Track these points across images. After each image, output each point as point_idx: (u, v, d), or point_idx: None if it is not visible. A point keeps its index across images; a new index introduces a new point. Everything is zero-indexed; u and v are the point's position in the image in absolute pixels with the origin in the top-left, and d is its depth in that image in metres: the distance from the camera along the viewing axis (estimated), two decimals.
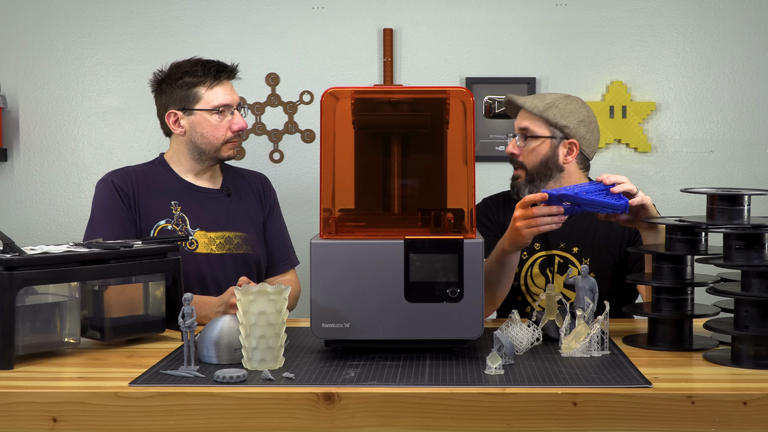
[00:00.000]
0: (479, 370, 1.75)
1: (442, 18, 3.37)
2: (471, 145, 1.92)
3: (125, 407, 1.61)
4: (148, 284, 2.06)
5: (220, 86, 2.46)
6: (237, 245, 2.49)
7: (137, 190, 2.45)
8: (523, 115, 2.43)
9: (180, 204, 2.46)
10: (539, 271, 2.43)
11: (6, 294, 1.77)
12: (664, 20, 3.35)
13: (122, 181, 2.46)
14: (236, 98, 2.49)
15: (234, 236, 2.49)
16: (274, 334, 1.76)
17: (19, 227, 3.38)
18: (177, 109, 2.46)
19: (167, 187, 2.48)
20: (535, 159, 2.40)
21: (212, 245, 2.46)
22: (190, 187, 2.50)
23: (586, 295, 1.94)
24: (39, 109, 3.40)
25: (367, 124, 1.98)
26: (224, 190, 2.54)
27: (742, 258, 1.82)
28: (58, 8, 3.38)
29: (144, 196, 2.45)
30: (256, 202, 2.60)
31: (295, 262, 2.68)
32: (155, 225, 2.43)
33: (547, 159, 2.40)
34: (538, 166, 2.40)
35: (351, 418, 1.60)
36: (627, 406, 1.60)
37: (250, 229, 2.54)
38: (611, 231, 2.43)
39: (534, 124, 2.40)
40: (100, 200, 2.47)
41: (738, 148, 3.37)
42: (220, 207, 2.51)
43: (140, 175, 2.49)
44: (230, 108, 2.46)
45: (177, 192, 2.48)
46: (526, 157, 2.41)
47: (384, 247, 1.83)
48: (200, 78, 2.44)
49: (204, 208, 2.49)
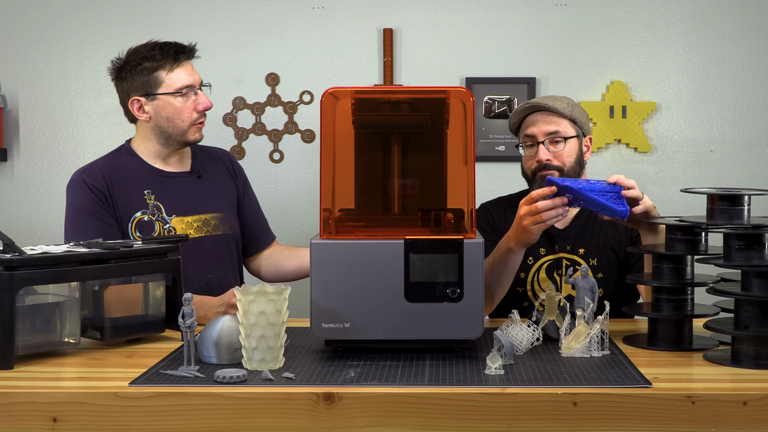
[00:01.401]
0: (479, 370, 1.75)
1: (442, 18, 3.37)
2: (471, 145, 1.92)
3: (125, 407, 1.61)
4: (148, 284, 2.06)
5: (180, 68, 2.42)
6: (215, 226, 2.48)
7: (110, 184, 2.41)
8: (548, 120, 2.41)
9: (153, 192, 2.42)
10: (546, 276, 2.43)
11: (6, 294, 1.77)
12: (664, 20, 3.35)
13: (94, 179, 2.41)
14: (198, 78, 2.45)
15: (211, 218, 2.48)
16: (274, 334, 1.76)
17: (19, 227, 3.38)
18: (140, 96, 2.42)
19: (137, 177, 2.45)
20: (570, 160, 2.42)
21: (189, 229, 2.44)
22: (160, 174, 2.47)
23: (586, 295, 1.94)
24: (39, 109, 3.40)
25: (367, 124, 1.98)
26: (194, 172, 2.52)
27: (742, 258, 1.82)
28: (58, 8, 3.38)
29: (117, 190, 2.41)
30: (228, 180, 2.58)
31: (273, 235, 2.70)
32: (132, 218, 2.40)
33: (578, 157, 2.44)
34: (574, 166, 2.43)
35: (351, 418, 1.60)
36: (627, 406, 1.60)
37: (227, 208, 2.53)
38: (616, 231, 2.45)
39: (561, 125, 2.41)
40: (76, 201, 2.41)
41: (738, 148, 3.37)
42: (193, 190, 2.49)
43: (110, 169, 2.44)
44: (193, 89, 2.43)
45: (148, 180, 2.45)
46: (562, 159, 2.41)
47: (384, 247, 1.83)
48: (159, 62, 2.40)
49: (176, 193, 2.46)
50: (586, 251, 2.43)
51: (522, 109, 2.45)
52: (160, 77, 2.41)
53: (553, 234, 2.44)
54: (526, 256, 2.43)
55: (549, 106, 2.41)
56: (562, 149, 2.40)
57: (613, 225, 2.44)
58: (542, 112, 2.42)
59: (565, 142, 2.40)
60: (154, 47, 2.42)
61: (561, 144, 2.40)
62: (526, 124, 2.45)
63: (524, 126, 2.46)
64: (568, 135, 2.41)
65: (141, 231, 2.40)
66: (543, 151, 2.40)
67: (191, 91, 2.43)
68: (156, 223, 2.42)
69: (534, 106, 2.42)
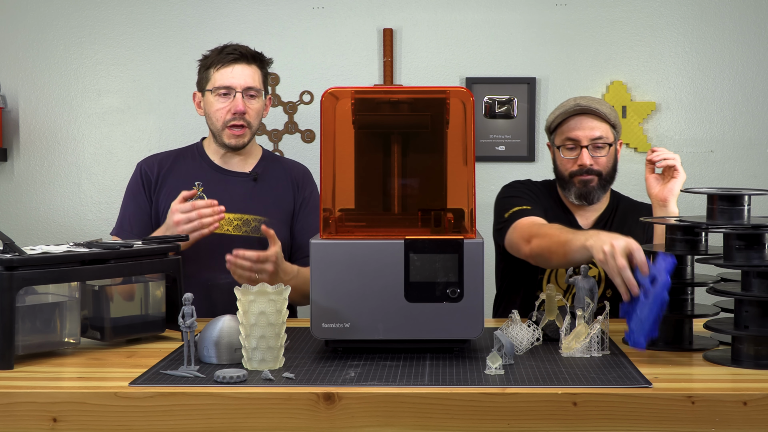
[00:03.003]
0: (479, 370, 1.75)
1: (442, 18, 3.37)
2: (471, 145, 1.92)
3: (125, 407, 1.61)
4: (148, 284, 2.06)
5: (226, 68, 2.46)
6: (254, 228, 2.48)
7: (163, 174, 2.52)
8: (593, 124, 2.42)
9: (203, 185, 2.47)
10: (563, 271, 2.43)
11: (6, 294, 1.76)
12: (664, 20, 3.35)
13: (149, 166, 2.56)
14: (240, 82, 2.46)
15: (252, 219, 2.49)
16: (274, 334, 1.76)
17: (19, 227, 3.38)
18: (198, 90, 2.55)
19: (195, 170, 2.54)
20: (609, 165, 2.46)
21: (228, 226, 2.47)
22: (216, 170, 2.55)
23: (586, 295, 1.94)
24: (39, 109, 3.40)
25: (367, 124, 1.98)
26: (252, 173, 2.55)
27: (742, 258, 1.82)
28: (58, 8, 3.38)
29: (170, 179, 2.52)
30: (287, 190, 2.58)
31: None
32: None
33: (615, 163, 2.48)
34: (611, 171, 2.47)
35: (351, 418, 1.60)
36: (627, 406, 1.60)
37: (275, 214, 2.52)
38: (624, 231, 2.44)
39: (604, 131, 2.43)
40: (129, 182, 2.58)
41: (738, 148, 3.37)
42: (244, 190, 2.52)
43: (172, 159, 2.57)
44: (232, 90, 2.46)
45: (202, 174, 2.53)
46: (602, 164, 2.44)
47: (384, 247, 1.83)
48: (212, 60, 2.49)
49: (226, 189, 2.51)
50: None
51: (568, 110, 2.43)
52: (209, 74, 2.50)
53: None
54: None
55: (595, 110, 2.41)
56: (605, 155, 2.42)
57: (623, 225, 2.47)
58: (587, 116, 2.42)
59: (608, 149, 2.42)
60: (220, 47, 2.50)
61: (604, 150, 2.41)
62: (569, 126, 2.44)
63: (567, 128, 2.44)
64: (610, 141, 2.43)
65: None
66: (587, 156, 2.41)
67: (230, 93, 2.47)
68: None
69: (582, 108, 2.42)
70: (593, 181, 2.43)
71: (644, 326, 1.81)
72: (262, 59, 2.53)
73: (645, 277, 1.83)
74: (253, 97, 2.49)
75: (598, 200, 2.47)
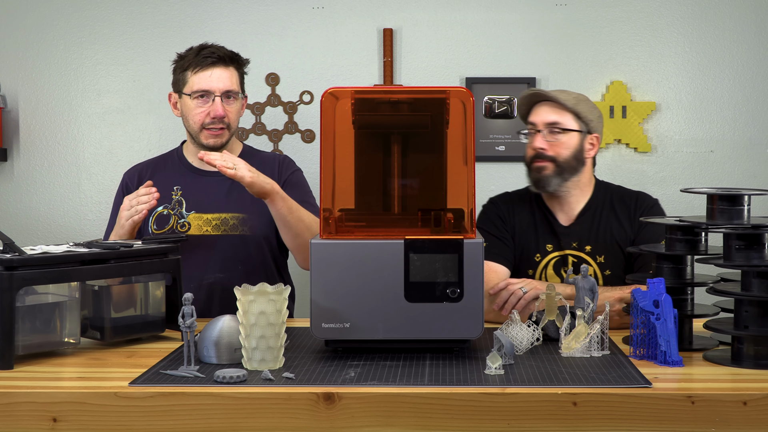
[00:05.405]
0: (479, 370, 1.75)
1: (442, 18, 3.37)
2: (471, 145, 1.92)
3: (125, 407, 1.61)
4: (148, 284, 2.06)
5: (204, 71, 2.47)
6: (233, 226, 2.50)
7: (142, 181, 2.52)
8: (549, 110, 2.44)
9: (181, 188, 2.52)
10: (554, 272, 2.43)
11: (6, 294, 1.76)
12: (664, 20, 3.35)
13: (129, 175, 2.62)
14: (219, 86, 2.47)
15: (230, 217, 2.50)
16: (274, 334, 1.76)
17: (19, 227, 3.38)
18: (174, 91, 2.56)
19: (174, 174, 2.57)
20: (566, 152, 2.43)
21: (207, 227, 2.49)
22: (194, 171, 2.58)
23: (586, 295, 1.94)
24: (39, 109, 3.39)
25: (367, 124, 1.98)
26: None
27: (742, 258, 1.82)
28: (58, 8, 3.37)
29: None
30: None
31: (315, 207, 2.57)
32: (154, 212, 2.51)
33: (577, 152, 2.44)
34: (569, 159, 2.43)
35: (351, 418, 1.60)
36: (627, 406, 1.60)
37: (254, 210, 2.52)
38: (620, 228, 2.44)
39: (563, 117, 2.43)
40: (116, 194, 2.64)
41: (738, 148, 3.37)
42: (221, 189, 2.54)
43: (152, 168, 2.61)
44: (211, 94, 2.47)
45: (181, 177, 2.56)
46: (557, 150, 2.43)
47: (384, 247, 1.83)
48: (189, 62, 2.49)
49: (203, 190, 2.53)
50: (593, 249, 2.43)
51: (528, 96, 2.48)
52: (186, 77, 2.50)
53: (557, 231, 2.45)
54: (534, 253, 2.44)
55: (552, 97, 2.43)
56: (560, 141, 2.41)
57: (617, 223, 2.45)
58: (548, 103, 2.46)
59: (559, 134, 2.42)
60: (195, 48, 2.51)
61: (560, 135, 2.42)
62: (531, 113, 2.49)
63: (530, 115, 2.49)
64: (568, 127, 2.43)
65: (158, 225, 2.50)
66: (540, 140, 2.44)
67: (208, 97, 2.47)
68: (172, 217, 2.49)
69: (540, 95, 2.46)
70: (547, 168, 2.43)
71: (672, 343, 1.81)
72: (239, 60, 2.55)
73: (648, 302, 1.84)
74: (231, 99, 2.50)
75: (553, 189, 2.44)
